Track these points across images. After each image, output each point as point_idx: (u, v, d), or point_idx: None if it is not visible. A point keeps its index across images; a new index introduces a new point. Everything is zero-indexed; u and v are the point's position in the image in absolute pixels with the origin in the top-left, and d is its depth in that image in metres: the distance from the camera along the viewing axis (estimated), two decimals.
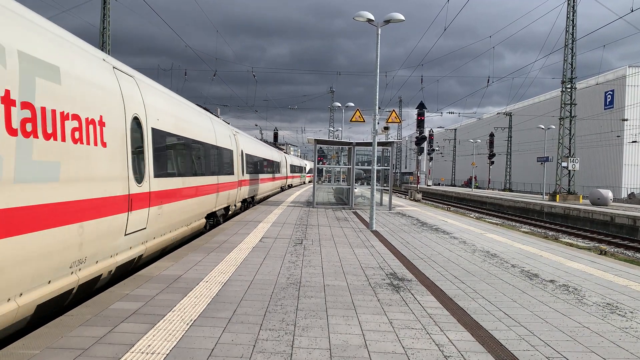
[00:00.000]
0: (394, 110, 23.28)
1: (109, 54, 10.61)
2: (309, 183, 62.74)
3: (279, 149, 48.15)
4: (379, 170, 23.33)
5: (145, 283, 6.76)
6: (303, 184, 60.37)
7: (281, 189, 39.89)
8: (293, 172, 49.59)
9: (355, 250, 10.36)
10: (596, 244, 20.29)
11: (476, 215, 32.61)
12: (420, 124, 41.64)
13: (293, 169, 49.71)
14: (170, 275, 7.32)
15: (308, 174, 66.78)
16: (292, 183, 49.48)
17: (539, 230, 25.34)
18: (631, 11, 23.74)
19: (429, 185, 73.15)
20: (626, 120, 49.08)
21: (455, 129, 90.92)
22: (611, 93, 52.31)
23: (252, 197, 22.72)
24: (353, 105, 29.07)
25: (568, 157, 35.85)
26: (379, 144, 21.75)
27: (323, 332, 5.02)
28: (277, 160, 34.31)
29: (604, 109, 53.20)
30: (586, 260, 10.16)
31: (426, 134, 50.98)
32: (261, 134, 69.83)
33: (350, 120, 22.09)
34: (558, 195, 36.52)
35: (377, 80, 14.88)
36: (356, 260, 9.20)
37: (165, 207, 9.10)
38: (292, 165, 49.10)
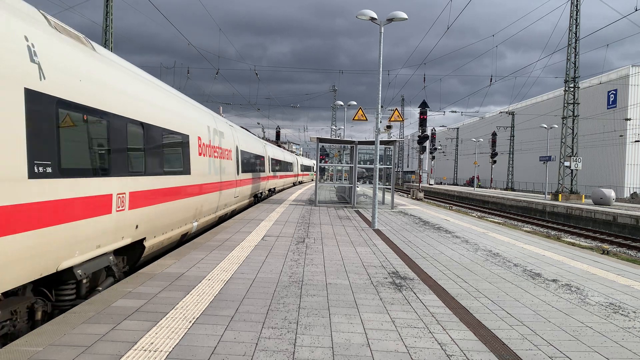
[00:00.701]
0: (396, 109, 23.27)
1: (112, 51, 10.40)
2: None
3: (292, 152, 62.54)
4: (381, 169, 23.32)
5: (148, 281, 6.77)
6: (312, 180, 67.12)
7: (293, 184, 48.09)
8: (304, 171, 60.92)
9: (358, 248, 10.36)
10: (599, 244, 20.25)
11: (478, 214, 32.57)
12: (422, 122, 41.53)
13: (304, 168, 61.19)
14: (172, 273, 7.33)
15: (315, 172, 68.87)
16: (303, 180, 60.06)
17: (541, 229, 25.30)
18: (635, 10, 23.66)
19: (431, 184, 73.03)
20: (629, 119, 48.95)
21: (457, 128, 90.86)
22: (614, 92, 52.17)
23: (274, 188, 32.19)
24: (355, 103, 29.00)
25: (571, 157, 35.76)
26: (382, 142, 21.72)
27: (325, 331, 5.02)
28: (291, 161, 45.57)
29: (607, 109, 53.06)
30: (589, 260, 10.14)
31: (428, 132, 50.80)
32: (263, 132, 69.81)
33: (353, 119, 22.08)
34: (560, 195, 36.44)
35: (380, 78, 14.86)
36: (358, 258, 9.19)
37: (245, 187, 18.61)
38: (303, 165, 60.61)
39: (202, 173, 11.91)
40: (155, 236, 8.88)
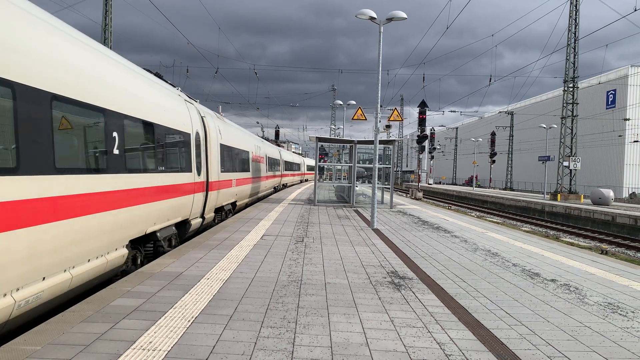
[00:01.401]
0: (395, 109, 23.28)
1: (110, 49, 10.47)
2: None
3: (299, 154, 70.64)
4: (380, 169, 23.31)
5: (147, 280, 6.77)
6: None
7: (300, 181, 56.92)
8: (309, 170, 65.89)
9: (357, 248, 10.36)
10: (597, 244, 20.27)
11: (477, 214, 32.58)
12: (421, 122, 41.51)
13: (309, 168, 66.27)
14: (171, 272, 7.32)
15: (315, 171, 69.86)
16: (308, 178, 65.29)
17: (540, 229, 25.31)
18: (634, 10, 23.67)
19: (430, 184, 73.05)
20: (628, 119, 48.99)
21: (456, 128, 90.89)
22: (613, 92, 52.21)
23: (286, 183, 40.07)
24: (355, 103, 29.01)
25: (570, 157, 35.80)
26: (381, 142, 21.72)
27: (324, 330, 5.02)
28: (299, 162, 54.53)
29: (606, 109, 53.11)
30: (587, 260, 10.15)
31: (428, 132, 50.83)
32: (262, 132, 69.80)
33: (352, 118, 22.08)
34: (559, 195, 36.48)
35: (380, 78, 14.86)
36: (357, 258, 9.19)
37: (269, 181, 26.78)
38: (308, 165, 65.93)
39: (254, 171, 21.87)
40: (241, 199, 19.25)
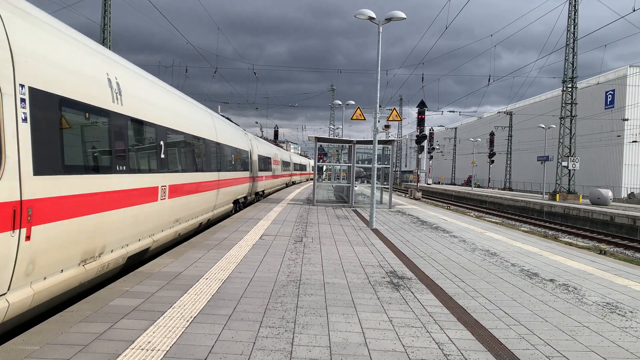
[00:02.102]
0: (394, 109, 23.30)
1: (109, 49, 10.43)
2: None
3: (306, 156, 79.68)
4: (379, 169, 23.32)
5: (145, 280, 6.77)
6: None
7: (307, 180, 66.19)
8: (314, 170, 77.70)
9: (355, 248, 10.36)
10: (596, 244, 20.29)
11: (476, 214, 32.60)
12: (420, 122, 41.55)
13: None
14: (170, 272, 7.32)
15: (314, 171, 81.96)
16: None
17: (538, 229, 25.33)
18: (633, 10, 23.70)
19: (429, 184, 73.08)
20: (627, 120, 49.04)
21: (455, 128, 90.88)
22: (612, 93, 52.24)
23: (295, 181, 50.57)
24: (354, 103, 29.07)
25: (568, 157, 35.83)
26: (380, 142, 21.72)
27: (323, 330, 5.02)
28: (305, 163, 63.89)
29: (605, 109, 53.13)
30: (586, 260, 10.16)
31: (426, 132, 50.89)
32: (262, 132, 69.84)
33: (351, 118, 22.10)
34: (558, 195, 36.51)
35: (379, 78, 14.86)
36: (356, 258, 9.20)
37: (282, 179, 37.18)
38: (313, 167, 79.51)
39: (274, 171, 29.41)
40: (267, 189, 28.06)
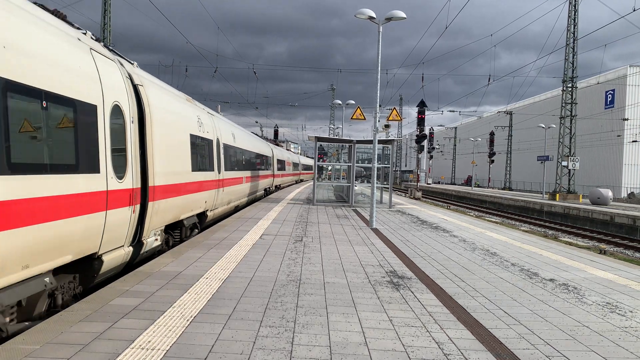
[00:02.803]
0: (394, 108, 23.29)
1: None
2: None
3: (311, 157, 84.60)
4: (379, 168, 23.32)
5: (146, 279, 6.77)
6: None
7: (311, 178, 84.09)
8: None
9: (355, 247, 10.36)
10: (596, 243, 20.29)
11: (476, 213, 32.60)
12: (420, 122, 41.54)
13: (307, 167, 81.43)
14: (170, 271, 7.32)
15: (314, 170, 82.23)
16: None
17: (538, 229, 25.34)
18: (633, 10, 23.69)
19: (429, 184, 73.07)
20: (627, 119, 49.01)
21: (455, 128, 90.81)
22: (612, 92, 52.22)
23: (302, 179, 57.59)
24: (354, 102, 29.07)
25: (568, 156, 35.82)
26: (380, 141, 21.71)
27: (323, 330, 5.02)
28: (310, 164, 69.04)
29: (605, 109, 53.12)
30: (586, 260, 10.16)
31: (426, 132, 50.90)
32: (262, 131, 69.81)
33: (351, 118, 22.09)
34: (558, 195, 36.51)
35: (379, 77, 14.86)
36: (356, 257, 9.20)
37: (292, 177, 47.99)
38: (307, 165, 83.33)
39: (287, 170, 39.93)
40: (283, 184, 39.49)
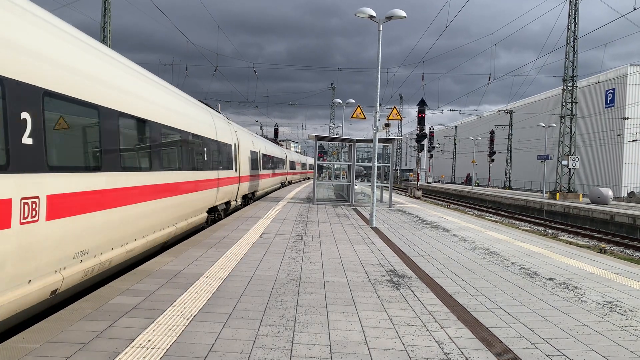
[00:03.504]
0: (395, 107, 23.28)
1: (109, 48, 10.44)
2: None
3: (312, 157, 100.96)
4: (379, 167, 23.32)
5: (146, 278, 6.77)
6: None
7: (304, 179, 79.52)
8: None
9: (355, 246, 10.37)
10: (596, 243, 20.30)
11: (476, 212, 32.61)
12: (420, 121, 41.58)
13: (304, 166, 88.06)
14: (170, 270, 7.32)
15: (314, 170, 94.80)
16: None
17: (538, 228, 25.34)
18: (634, 9, 23.67)
19: (429, 183, 73.09)
20: (627, 118, 48.99)
21: (455, 127, 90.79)
22: (612, 91, 52.20)
23: (306, 177, 64.67)
24: (354, 101, 29.06)
25: (568, 156, 35.81)
26: (380, 140, 21.69)
27: (323, 328, 5.02)
28: (311, 163, 70.94)
29: (605, 108, 53.09)
30: (586, 259, 10.16)
31: (427, 131, 50.94)
32: (262, 130, 69.92)
33: (352, 117, 22.08)
34: (558, 194, 36.50)
35: (379, 76, 14.85)
36: (356, 256, 9.20)
37: (299, 175, 58.13)
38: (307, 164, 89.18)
39: (296, 169, 51.40)
40: (293, 180, 49.85)
